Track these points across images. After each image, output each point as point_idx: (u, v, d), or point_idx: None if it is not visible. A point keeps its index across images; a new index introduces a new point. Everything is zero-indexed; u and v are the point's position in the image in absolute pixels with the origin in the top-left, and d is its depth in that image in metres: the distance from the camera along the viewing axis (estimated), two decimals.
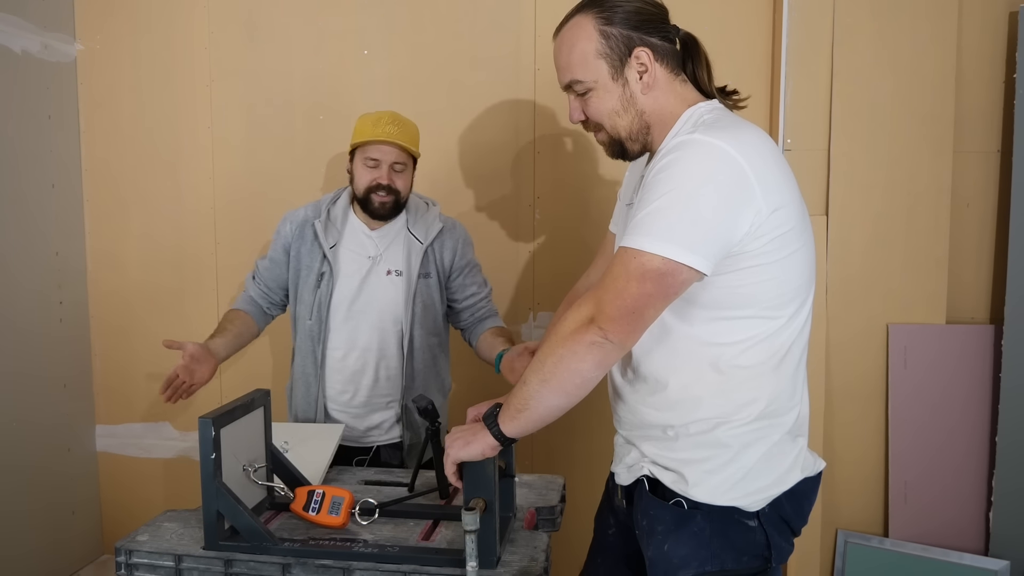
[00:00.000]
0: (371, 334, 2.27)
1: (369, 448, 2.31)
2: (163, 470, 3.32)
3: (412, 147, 2.25)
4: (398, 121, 2.24)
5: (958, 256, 2.66)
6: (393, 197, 2.24)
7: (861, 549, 2.65)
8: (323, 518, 1.65)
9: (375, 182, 2.21)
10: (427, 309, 2.29)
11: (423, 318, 2.28)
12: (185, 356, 2.13)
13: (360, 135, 2.23)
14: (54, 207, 3.13)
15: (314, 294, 2.26)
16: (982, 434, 2.62)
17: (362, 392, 2.29)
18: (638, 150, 1.48)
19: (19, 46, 2.94)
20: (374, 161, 2.21)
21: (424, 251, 2.28)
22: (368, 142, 2.21)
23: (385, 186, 2.21)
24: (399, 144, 2.21)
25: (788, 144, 2.64)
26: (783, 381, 1.40)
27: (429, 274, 2.29)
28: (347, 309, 2.26)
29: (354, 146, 2.26)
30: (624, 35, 1.40)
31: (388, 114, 2.26)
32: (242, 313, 2.36)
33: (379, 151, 2.21)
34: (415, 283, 2.26)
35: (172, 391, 2.12)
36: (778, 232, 1.32)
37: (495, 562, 1.48)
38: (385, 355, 2.28)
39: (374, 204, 2.23)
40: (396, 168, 2.23)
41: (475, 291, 2.36)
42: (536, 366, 1.35)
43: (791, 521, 1.43)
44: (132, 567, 1.61)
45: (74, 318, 3.24)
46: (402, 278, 2.27)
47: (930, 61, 2.58)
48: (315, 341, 2.27)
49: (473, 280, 2.37)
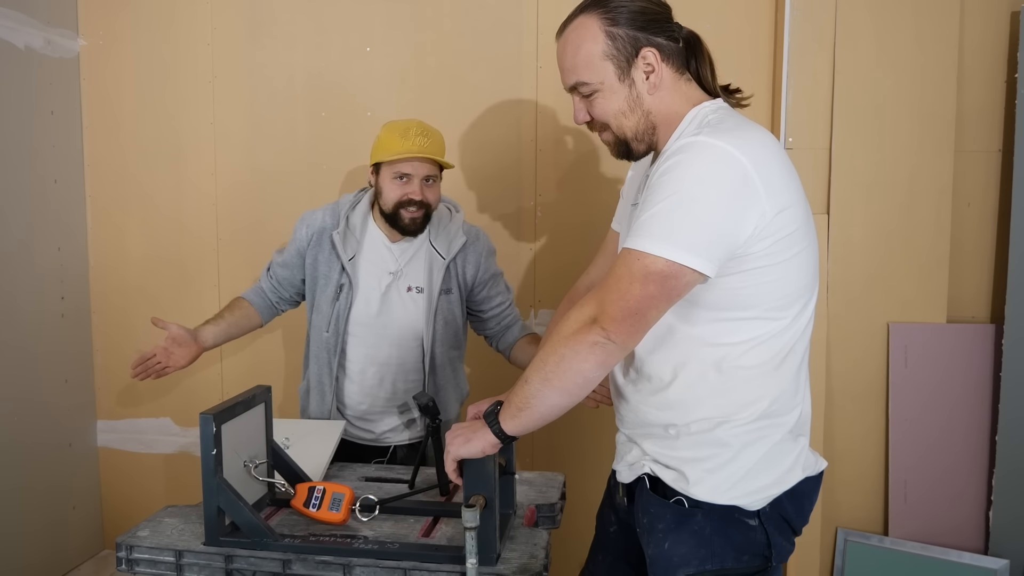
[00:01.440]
0: (390, 351, 2.21)
1: (386, 448, 2.29)
2: (163, 465, 3.33)
3: (442, 159, 2.15)
4: (427, 132, 2.12)
5: (959, 255, 2.66)
6: (424, 211, 2.14)
7: (861, 547, 2.66)
8: (323, 514, 1.65)
9: (407, 197, 2.10)
10: (448, 325, 2.23)
11: (444, 334, 2.23)
12: (167, 338, 2.10)
13: (388, 150, 2.10)
14: (56, 202, 3.13)
15: (332, 306, 2.19)
16: (982, 433, 2.62)
17: (379, 403, 2.25)
18: (643, 150, 1.48)
19: (22, 42, 2.94)
20: (406, 177, 2.10)
21: (446, 267, 2.20)
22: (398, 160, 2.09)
23: (417, 201, 2.11)
24: (432, 157, 2.11)
25: (789, 143, 2.64)
26: (785, 381, 1.40)
27: (451, 290, 2.22)
28: (366, 325, 2.20)
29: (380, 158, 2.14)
30: (630, 36, 1.40)
31: (416, 124, 2.13)
32: (246, 304, 2.32)
33: (411, 166, 2.09)
34: (436, 301, 2.19)
35: (143, 369, 2.10)
36: (783, 234, 1.31)
37: (495, 559, 1.48)
38: (404, 369, 2.23)
39: (404, 220, 2.13)
40: (427, 182, 2.13)
41: (500, 300, 2.31)
42: (538, 365, 1.35)
43: (792, 520, 1.43)
44: (133, 562, 1.61)
45: (76, 313, 3.25)
46: (423, 295, 2.19)
47: (931, 60, 2.58)
48: (331, 353, 2.21)
49: (498, 291, 2.31)
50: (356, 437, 2.29)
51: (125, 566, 1.62)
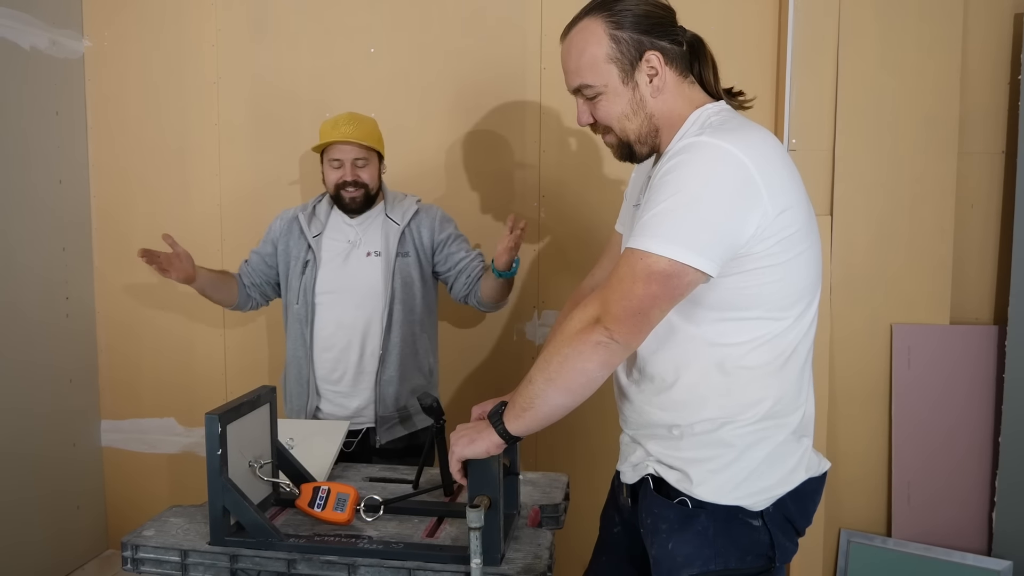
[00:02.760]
0: (355, 312, 2.40)
1: (357, 431, 2.40)
2: (167, 465, 3.33)
3: (369, 142, 2.38)
4: (355, 120, 2.39)
5: (962, 257, 2.66)
6: (362, 191, 2.39)
7: (864, 549, 2.66)
8: (328, 514, 1.66)
9: (341, 179, 2.38)
10: (407, 286, 2.41)
11: (403, 295, 2.40)
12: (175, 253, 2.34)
13: (322, 137, 2.40)
14: (61, 203, 3.14)
15: (300, 280, 2.42)
16: (985, 434, 2.62)
17: (350, 370, 2.40)
18: (646, 152, 1.48)
19: (28, 42, 2.95)
20: (338, 161, 2.38)
21: (401, 232, 2.42)
22: (329, 144, 2.36)
23: (351, 182, 2.38)
24: (356, 142, 2.35)
25: (793, 144, 2.64)
26: (788, 381, 1.41)
27: (408, 253, 2.42)
28: (331, 292, 2.40)
29: (318, 150, 2.42)
30: (635, 39, 1.40)
31: (345, 115, 2.41)
32: (232, 275, 2.56)
33: (340, 151, 2.37)
34: (394, 261, 2.39)
35: (149, 257, 2.30)
36: (785, 234, 1.32)
37: (499, 559, 1.49)
38: (369, 332, 2.40)
39: (345, 200, 2.40)
40: (359, 164, 2.38)
41: (463, 256, 2.45)
42: (542, 365, 1.35)
43: (795, 521, 1.44)
44: (138, 562, 1.62)
45: (80, 313, 3.26)
46: (381, 258, 2.41)
47: (935, 62, 2.58)
48: (303, 324, 2.41)
49: (458, 248, 2.47)
50: (332, 415, 2.42)
51: (131, 565, 1.62)
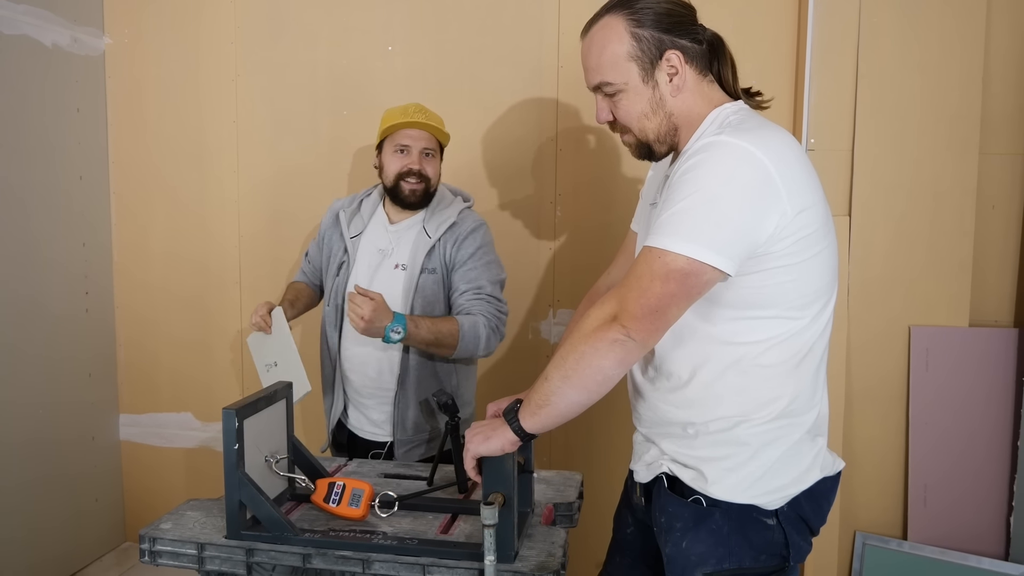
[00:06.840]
0: None
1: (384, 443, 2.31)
2: (184, 459, 3.36)
3: (439, 135, 2.27)
4: (425, 111, 2.27)
5: (982, 258, 2.64)
6: (424, 185, 2.24)
7: (879, 551, 2.64)
8: (343, 510, 1.67)
9: (406, 167, 2.22)
10: (428, 305, 2.22)
11: (423, 313, 2.21)
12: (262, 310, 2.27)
13: (389, 121, 2.25)
14: (82, 199, 3.17)
15: (333, 281, 2.32)
16: (1004, 438, 2.60)
17: (369, 384, 2.28)
18: (665, 151, 1.48)
19: (49, 40, 2.98)
20: (404, 147, 2.22)
21: (431, 247, 2.23)
22: (397, 126, 2.22)
23: (416, 172, 2.22)
24: (429, 127, 2.23)
25: (812, 144, 2.63)
26: (804, 381, 1.40)
27: (435, 270, 2.23)
28: None
29: (383, 135, 2.27)
30: (655, 37, 1.40)
31: (415, 104, 2.29)
32: (297, 283, 2.49)
33: (409, 136, 2.22)
34: (417, 278, 2.21)
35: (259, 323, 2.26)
36: (803, 234, 1.32)
37: (513, 556, 1.49)
38: (388, 349, 2.23)
39: (404, 192, 2.23)
40: (426, 154, 2.24)
41: (463, 288, 2.22)
42: (558, 362, 1.35)
43: (810, 520, 1.43)
44: (156, 554, 1.64)
45: (100, 308, 3.29)
46: (406, 272, 2.23)
47: (956, 61, 2.56)
48: (331, 327, 2.32)
49: (461, 278, 2.23)
50: (357, 425, 2.35)
51: (148, 558, 1.64)
